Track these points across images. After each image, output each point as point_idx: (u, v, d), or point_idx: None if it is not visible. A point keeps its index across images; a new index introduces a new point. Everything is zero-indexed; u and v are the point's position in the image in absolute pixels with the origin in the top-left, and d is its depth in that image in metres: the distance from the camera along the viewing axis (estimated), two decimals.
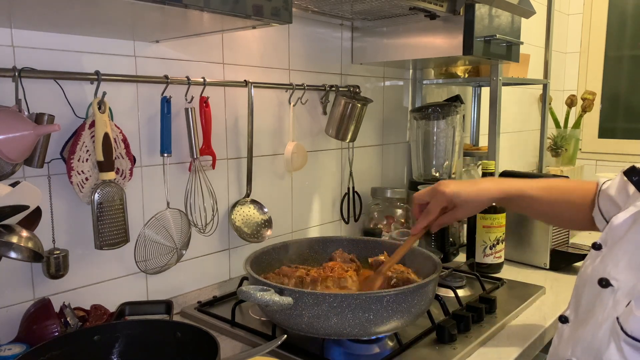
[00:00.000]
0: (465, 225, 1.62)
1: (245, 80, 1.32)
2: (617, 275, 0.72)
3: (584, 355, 0.73)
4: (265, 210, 1.39)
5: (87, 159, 1.01)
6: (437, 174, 1.81)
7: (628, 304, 0.68)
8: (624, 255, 0.73)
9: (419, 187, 1.61)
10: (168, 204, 1.19)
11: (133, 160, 1.09)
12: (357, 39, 1.65)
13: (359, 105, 1.52)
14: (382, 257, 1.17)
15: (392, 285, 1.05)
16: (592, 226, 1.04)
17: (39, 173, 0.99)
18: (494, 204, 1.09)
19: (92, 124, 1.01)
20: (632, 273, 0.71)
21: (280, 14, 0.91)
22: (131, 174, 1.09)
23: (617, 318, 0.68)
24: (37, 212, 0.95)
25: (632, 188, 0.87)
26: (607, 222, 0.89)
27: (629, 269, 0.71)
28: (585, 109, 2.84)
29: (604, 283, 0.73)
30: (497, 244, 1.49)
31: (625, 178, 0.78)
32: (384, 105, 1.84)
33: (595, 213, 0.98)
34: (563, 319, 0.83)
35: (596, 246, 0.80)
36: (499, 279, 1.39)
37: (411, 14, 1.43)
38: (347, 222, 1.71)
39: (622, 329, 0.67)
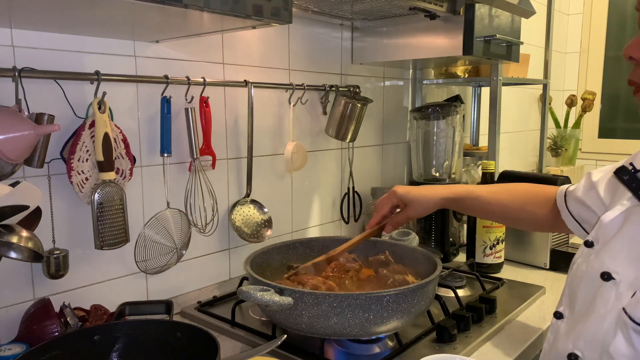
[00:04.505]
0: (465, 225, 1.62)
1: (245, 80, 1.32)
2: (617, 269, 0.76)
3: (588, 348, 0.76)
4: (265, 210, 1.39)
5: (87, 159, 1.01)
6: (437, 174, 1.81)
7: (634, 295, 0.71)
8: (622, 250, 0.77)
9: None
10: (168, 204, 1.19)
11: (133, 160, 1.09)
12: (357, 39, 1.65)
13: (359, 105, 1.52)
14: (382, 257, 1.17)
15: (389, 286, 1.05)
16: (550, 228, 1.11)
17: (39, 173, 0.99)
18: (445, 207, 1.16)
19: (92, 124, 1.01)
20: (632, 265, 0.74)
21: (280, 14, 0.91)
22: (131, 174, 1.09)
23: (624, 309, 0.71)
24: (37, 212, 0.95)
25: (601, 189, 0.92)
26: (578, 222, 1.00)
27: (629, 262, 0.75)
28: (585, 109, 2.84)
29: (606, 277, 0.76)
30: (497, 244, 1.49)
31: (616, 177, 0.82)
32: (384, 105, 1.84)
33: (565, 216, 1.03)
34: (558, 315, 0.86)
35: (588, 243, 0.84)
36: (499, 279, 1.39)
37: (411, 14, 1.43)
38: (347, 222, 1.71)
39: (630, 318, 0.70)
